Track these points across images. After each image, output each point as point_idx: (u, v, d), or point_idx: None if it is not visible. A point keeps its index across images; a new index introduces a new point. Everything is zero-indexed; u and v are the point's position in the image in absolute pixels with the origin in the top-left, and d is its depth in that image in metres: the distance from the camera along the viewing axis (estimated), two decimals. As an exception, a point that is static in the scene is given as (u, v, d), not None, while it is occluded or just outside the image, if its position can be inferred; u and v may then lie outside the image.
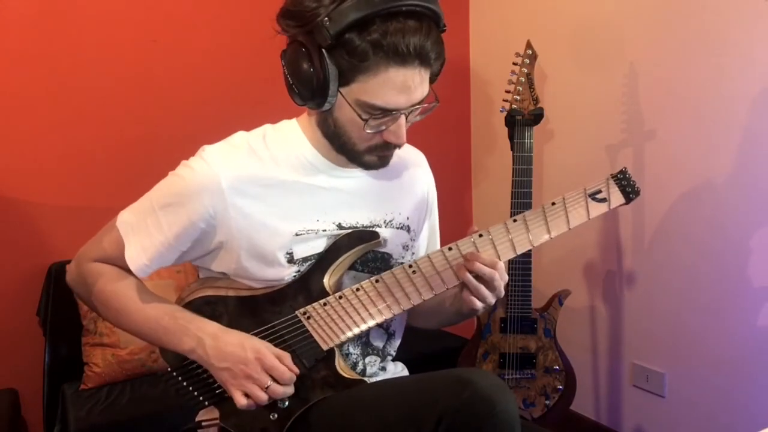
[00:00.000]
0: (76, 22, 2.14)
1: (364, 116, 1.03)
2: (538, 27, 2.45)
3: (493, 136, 2.76)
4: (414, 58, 0.99)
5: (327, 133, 1.11)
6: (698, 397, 2.07)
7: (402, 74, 0.99)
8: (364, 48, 0.97)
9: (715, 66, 1.92)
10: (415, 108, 1.06)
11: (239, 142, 1.13)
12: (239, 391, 1.05)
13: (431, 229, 1.34)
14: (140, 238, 1.10)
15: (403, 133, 1.06)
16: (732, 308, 1.95)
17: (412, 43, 0.97)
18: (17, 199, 2.10)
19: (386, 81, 0.99)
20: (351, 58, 0.98)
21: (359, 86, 1.01)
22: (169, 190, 1.10)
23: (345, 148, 1.10)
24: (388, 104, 1.01)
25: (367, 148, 1.09)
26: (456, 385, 0.96)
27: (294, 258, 1.11)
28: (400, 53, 0.97)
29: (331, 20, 0.96)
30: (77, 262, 1.17)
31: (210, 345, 1.05)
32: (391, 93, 1.00)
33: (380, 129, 1.05)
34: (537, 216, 1.11)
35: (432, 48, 1.00)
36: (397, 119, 1.05)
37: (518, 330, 2.06)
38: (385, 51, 0.97)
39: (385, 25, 0.96)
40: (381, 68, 0.98)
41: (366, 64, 0.98)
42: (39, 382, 2.08)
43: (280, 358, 1.06)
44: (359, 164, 1.13)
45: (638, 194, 1.14)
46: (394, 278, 1.10)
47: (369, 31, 0.96)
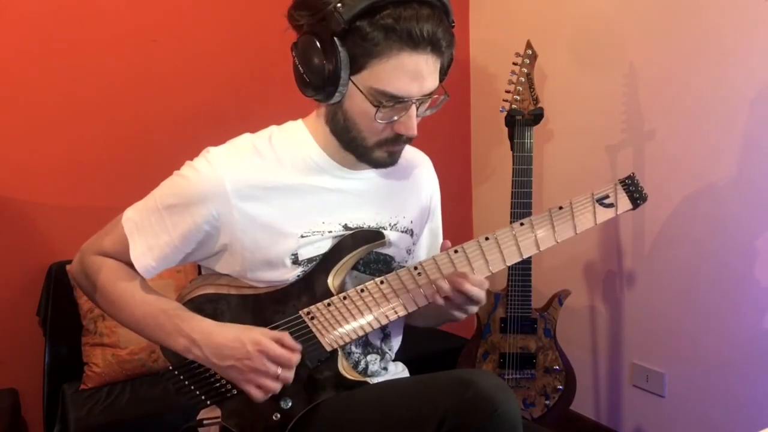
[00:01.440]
0: (76, 22, 2.13)
1: (375, 103, 1.02)
2: (538, 27, 2.45)
3: (493, 136, 2.76)
4: (427, 44, 1.00)
5: (336, 129, 1.10)
6: (698, 397, 2.07)
7: (414, 60, 1.00)
8: (377, 33, 0.98)
9: (715, 66, 1.92)
10: (425, 99, 1.06)
11: (244, 144, 1.12)
12: (251, 386, 1.04)
13: (432, 232, 1.34)
14: (145, 238, 1.10)
15: (414, 124, 1.06)
16: (732, 308, 1.95)
17: (425, 29, 0.98)
18: (17, 199, 2.10)
19: (398, 66, 1.00)
20: (364, 42, 0.99)
21: (371, 72, 1.01)
22: (173, 191, 1.10)
23: (354, 143, 1.09)
24: (400, 91, 1.01)
25: (377, 142, 1.08)
26: (458, 386, 0.96)
27: (299, 259, 1.11)
28: (413, 38, 0.98)
29: (344, 5, 0.97)
30: (81, 255, 1.18)
31: (204, 344, 1.05)
32: (403, 79, 1.01)
33: (391, 119, 1.05)
34: (543, 220, 1.11)
35: (443, 36, 1.01)
36: (408, 109, 1.04)
37: (518, 330, 2.07)
38: (399, 35, 0.98)
39: (398, 11, 0.97)
40: (393, 53, 0.99)
41: (379, 48, 0.99)
42: (39, 382, 2.07)
43: (279, 340, 1.04)
44: (368, 161, 1.12)
45: (645, 200, 1.14)
46: (399, 280, 1.10)
47: (382, 16, 0.97)
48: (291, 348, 1.05)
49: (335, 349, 1.11)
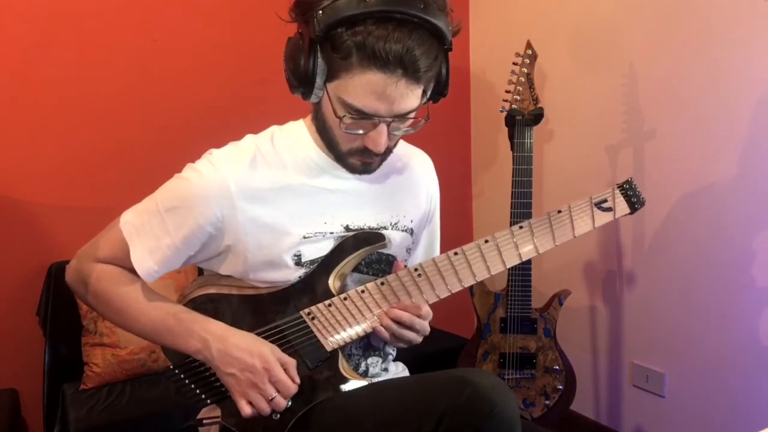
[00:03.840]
0: (76, 22, 2.13)
1: (340, 113, 1.02)
2: (538, 27, 2.45)
3: (493, 136, 2.76)
4: (396, 67, 0.97)
5: (318, 128, 1.12)
6: (698, 397, 2.07)
7: (382, 80, 0.98)
8: (348, 46, 0.97)
9: (715, 66, 1.92)
10: (399, 119, 1.04)
11: (247, 146, 1.13)
12: (244, 400, 1.05)
13: (430, 234, 1.34)
14: (146, 241, 1.10)
15: (382, 141, 1.05)
16: (732, 308, 1.95)
17: (393, 51, 0.95)
18: (17, 199, 2.10)
19: (365, 84, 0.99)
20: (335, 54, 0.99)
21: (340, 83, 1.01)
22: (175, 194, 1.10)
23: (331, 145, 1.11)
24: (366, 107, 1.01)
25: (348, 150, 1.09)
26: (456, 385, 0.96)
27: (302, 260, 1.11)
28: (378, 58, 0.96)
29: (324, 13, 0.97)
30: (77, 262, 1.16)
31: (216, 348, 1.05)
32: (369, 97, 1.00)
33: (356, 132, 1.05)
34: (543, 223, 1.12)
35: (421, 59, 0.98)
36: (376, 126, 1.04)
37: (518, 330, 2.06)
38: (366, 53, 0.96)
39: (372, 28, 0.96)
40: (360, 69, 0.98)
41: (348, 62, 0.98)
42: (39, 382, 2.08)
43: (285, 366, 1.06)
44: (344, 166, 1.13)
45: (643, 204, 1.16)
46: (399, 281, 1.11)
47: (356, 31, 0.97)
48: (292, 377, 1.06)
49: (335, 349, 1.11)
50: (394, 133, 1.07)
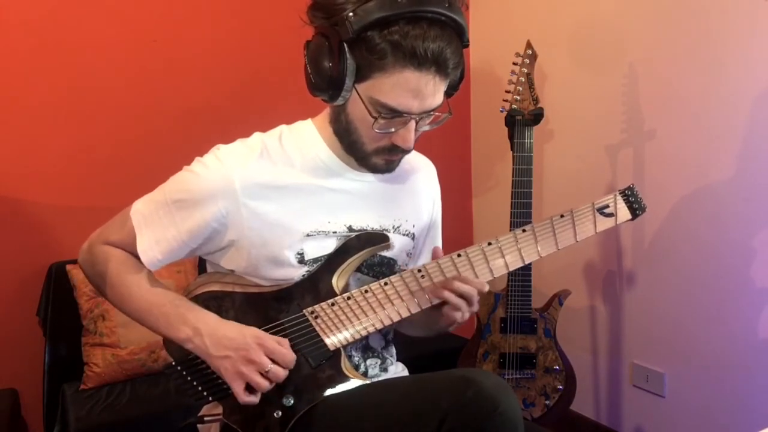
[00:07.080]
0: (76, 22, 2.13)
1: (374, 114, 1.04)
2: (538, 27, 2.45)
3: (493, 136, 2.76)
4: (431, 64, 1.00)
5: (338, 130, 1.12)
6: (698, 397, 2.08)
7: (416, 78, 1.01)
8: (383, 46, 0.99)
9: (715, 66, 1.92)
10: (426, 115, 1.07)
11: (254, 143, 1.14)
12: (240, 382, 1.04)
13: (431, 238, 1.35)
14: (153, 231, 1.12)
15: (411, 137, 1.07)
16: (732, 308, 1.96)
17: (430, 49, 0.99)
18: (17, 199, 2.10)
19: (400, 82, 1.01)
20: (370, 54, 1.00)
21: (374, 84, 1.02)
22: (182, 186, 1.12)
23: (354, 146, 1.11)
24: (400, 106, 1.03)
25: (375, 149, 1.10)
26: (459, 385, 0.97)
27: (305, 258, 1.12)
28: (417, 56, 0.99)
29: (355, 15, 0.98)
30: (89, 245, 1.19)
31: (207, 333, 1.06)
32: (404, 95, 1.02)
33: (389, 130, 1.07)
34: (545, 227, 1.14)
35: (451, 57, 1.02)
36: (406, 123, 1.06)
37: (518, 330, 2.07)
38: (404, 52, 0.98)
39: (407, 28, 0.98)
40: (397, 69, 1.00)
41: (383, 62, 1.00)
42: (39, 382, 2.07)
43: (279, 343, 1.06)
44: (366, 166, 1.14)
45: (644, 210, 1.19)
46: (402, 282, 1.11)
47: (390, 31, 0.98)
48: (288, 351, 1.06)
49: (338, 348, 1.11)
50: (421, 129, 1.10)
